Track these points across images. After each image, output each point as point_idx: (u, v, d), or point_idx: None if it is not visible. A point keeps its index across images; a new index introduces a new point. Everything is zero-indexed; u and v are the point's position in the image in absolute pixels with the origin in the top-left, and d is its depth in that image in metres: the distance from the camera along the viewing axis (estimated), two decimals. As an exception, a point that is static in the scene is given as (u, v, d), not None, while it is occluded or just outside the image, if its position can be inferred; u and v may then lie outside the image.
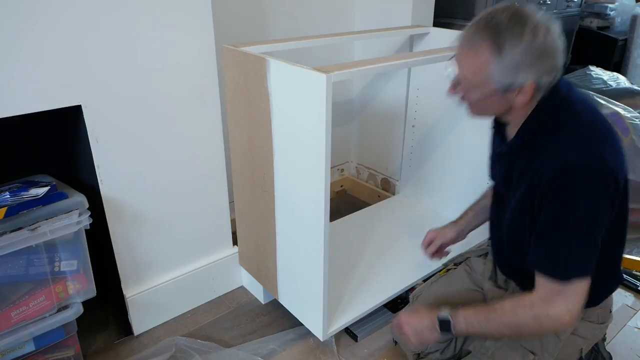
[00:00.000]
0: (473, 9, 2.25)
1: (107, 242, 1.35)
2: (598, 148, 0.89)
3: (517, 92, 0.91)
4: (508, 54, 0.87)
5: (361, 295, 1.46)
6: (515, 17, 0.87)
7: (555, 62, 0.90)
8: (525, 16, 0.87)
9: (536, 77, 0.89)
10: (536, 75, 0.89)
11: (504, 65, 0.88)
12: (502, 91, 0.91)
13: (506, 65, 0.88)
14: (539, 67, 0.88)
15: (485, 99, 0.95)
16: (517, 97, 0.92)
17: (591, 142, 0.90)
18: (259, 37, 1.78)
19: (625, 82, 2.38)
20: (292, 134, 1.18)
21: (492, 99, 0.94)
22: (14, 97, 1.07)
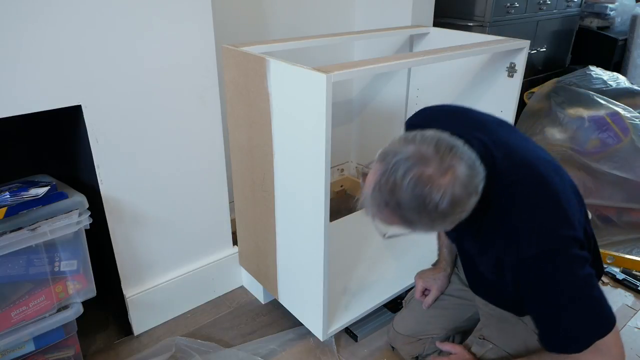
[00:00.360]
0: (473, 9, 2.25)
1: (107, 242, 1.35)
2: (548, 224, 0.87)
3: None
4: (419, 225, 0.85)
5: (361, 295, 1.46)
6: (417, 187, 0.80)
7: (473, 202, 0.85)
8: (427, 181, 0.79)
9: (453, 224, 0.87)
10: (453, 224, 0.87)
11: (419, 230, 0.87)
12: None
13: (421, 230, 0.87)
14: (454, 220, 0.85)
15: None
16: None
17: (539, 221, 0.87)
18: (259, 37, 1.78)
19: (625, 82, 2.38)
20: (292, 134, 1.18)
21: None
22: (14, 97, 1.07)
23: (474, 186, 0.83)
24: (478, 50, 1.36)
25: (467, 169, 0.82)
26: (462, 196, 0.81)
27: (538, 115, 2.25)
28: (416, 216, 0.82)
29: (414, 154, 0.81)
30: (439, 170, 0.80)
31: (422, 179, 0.80)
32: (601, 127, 2.06)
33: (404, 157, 0.82)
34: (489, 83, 1.57)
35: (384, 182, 0.83)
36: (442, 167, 0.80)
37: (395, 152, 0.83)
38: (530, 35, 2.49)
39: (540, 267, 0.86)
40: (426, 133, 0.85)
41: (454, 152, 0.82)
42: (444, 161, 0.80)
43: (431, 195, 0.79)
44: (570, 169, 2.06)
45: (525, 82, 1.73)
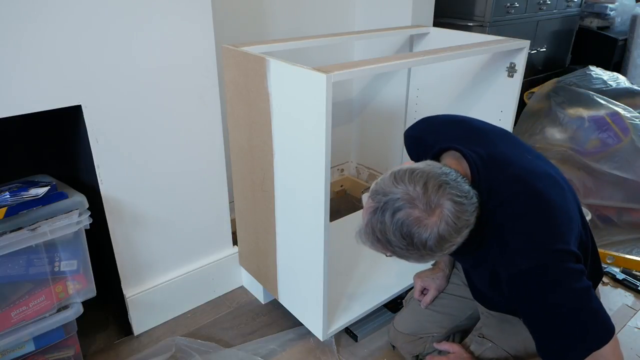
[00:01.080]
0: (473, 9, 2.25)
1: (107, 242, 1.35)
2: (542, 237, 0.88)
3: None
4: (412, 259, 0.89)
5: (361, 295, 1.46)
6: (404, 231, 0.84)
7: (464, 235, 0.88)
8: (414, 223, 0.84)
9: (445, 255, 0.91)
10: (444, 255, 0.90)
11: (411, 261, 0.91)
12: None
13: (413, 261, 0.91)
14: (447, 251, 0.88)
15: None
16: None
17: (534, 234, 0.88)
18: (259, 37, 1.79)
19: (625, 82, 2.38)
20: (292, 134, 1.18)
21: None
22: (14, 97, 1.07)
23: (464, 221, 0.86)
24: (478, 50, 1.36)
25: (455, 205, 0.84)
26: (449, 233, 0.85)
27: (538, 115, 2.25)
28: (406, 253, 0.87)
29: (402, 195, 0.85)
30: (426, 211, 0.84)
31: (410, 220, 0.84)
32: (601, 127, 2.06)
33: (393, 198, 0.85)
34: (489, 83, 1.57)
35: (375, 221, 0.87)
36: (430, 207, 0.83)
37: (385, 192, 0.87)
38: (530, 35, 2.49)
39: (534, 281, 0.87)
40: (416, 170, 0.87)
41: (442, 190, 0.85)
42: (431, 201, 0.84)
43: (419, 235, 0.84)
44: (570, 169, 2.06)
45: (525, 82, 1.73)
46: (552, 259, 0.86)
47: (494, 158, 0.96)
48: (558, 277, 0.86)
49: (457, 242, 0.88)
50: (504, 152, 0.98)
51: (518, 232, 0.90)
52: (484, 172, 0.93)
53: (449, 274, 1.33)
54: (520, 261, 0.87)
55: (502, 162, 0.96)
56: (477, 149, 0.96)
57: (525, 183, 0.92)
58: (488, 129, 1.08)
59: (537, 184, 0.92)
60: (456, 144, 0.98)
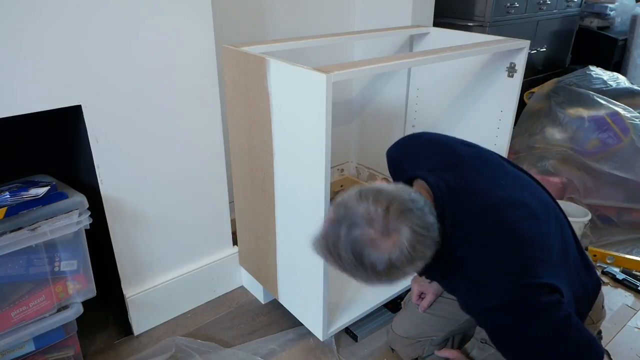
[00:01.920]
0: (473, 9, 2.25)
1: (107, 242, 1.35)
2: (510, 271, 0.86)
3: None
4: (357, 278, 0.87)
5: (361, 295, 1.46)
6: (356, 249, 0.82)
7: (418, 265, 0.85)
8: (367, 244, 0.81)
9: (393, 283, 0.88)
10: (391, 283, 0.87)
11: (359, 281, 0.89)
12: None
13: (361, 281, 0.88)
14: (390, 280, 0.86)
15: None
16: None
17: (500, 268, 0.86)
18: (259, 37, 1.78)
19: (625, 82, 2.38)
20: (292, 134, 1.18)
21: None
22: (14, 97, 1.07)
23: (419, 252, 0.83)
24: (478, 50, 1.36)
25: (413, 235, 0.81)
26: (401, 261, 0.82)
27: (538, 115, 2.25)
28: (354, 271, 0.85)
29: (363, 213, 0.82)
30: (381, 233, 0.81)
31: (364, 240, 0.81)
32: (601, 127, 2.06)
33: (353, 214, 0.83)
34: (489, 83, 1.57)
35: (330, 234, 0.85)
36: (387, 230, 0.81)
37: (347, 206, 0.85)
38: (530, 35, 2.49)
39: (508, 317, 0.85)
40: (383, 191, 0.85)
41: (404, 216, 0.82)
42: (390, 225, 0.81)
43: (369, 256, 0.81)
44: (570, 169, 2.06)
45: (525, 82, 1.73)
46: (523, 293, 0.84)
47: (464, 188, 0.94)
48: (532, 311, 0.84)
49: (408, 272, 0.85)
50: (478, 180, 0.97)
51: (484, 267, 0.88)
52: (450, 204, 0.91)
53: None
54: (488, 298, 0.86)
55: (473, 192, 0.94)
56: (448, 177, 0.95)
57: (493, 214, 0.90)
58: (467, 155, 1.05)
59: (507, 215, 0.90)
60: (426, 171, 0.97)
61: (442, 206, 0.91)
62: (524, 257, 0.87)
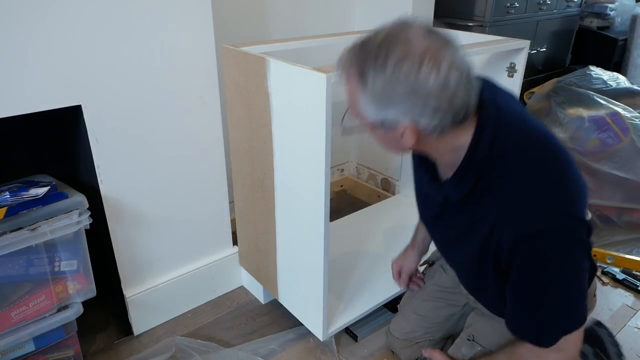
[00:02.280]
0: (473, 9, 2.24)
1: (107, 242, 1.35)
2: (559, 198, 0.78)
3: (399, 133, 0.78)
4: (370, 85, 0.74)
5: (361, 295, 1.46)
6: (385, 43, 0.72)
7: (438, 104, 0.73)
8: (399, 42, 0.72)
9: (410, 118, 0.75)
10: (409, 116, 0.75)
11: (368, 99, 0.75)
12: (380, 127, 0.80)
13: (370, 99, 0.75)
14: (410, 107, 0.74)
15: (373, 133, 0.85)
16: (402, 139, 0.79)
17: (549, 193, 0.79)
18: (259, 37, 1.78)
19: (625, 82, 2.38)
20: (292, 133, 1.18)
21: (378, 134, 0.84)
22: (14, 97, 1.07)
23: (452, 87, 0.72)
24: (478, 50, 1.36)
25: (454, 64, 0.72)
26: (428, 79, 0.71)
27: (538, 115, 2.25)
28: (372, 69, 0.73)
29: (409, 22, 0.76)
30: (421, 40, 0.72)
31: (399, 35, 0.72)
32: (601, 127, 2.06)
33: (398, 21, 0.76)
34: (489, 83, 1.57)
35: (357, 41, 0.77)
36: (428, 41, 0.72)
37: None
38: (530, 35, 2.49)
39: (541, 246, 0.78)
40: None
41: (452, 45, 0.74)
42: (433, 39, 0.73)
43: (398, 51, 0.71)
44: (570, 169, 2.06)
45: (525, 82, 1.73)
46: (569, 224, 0.78)
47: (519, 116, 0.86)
48: (568, 247, 0.79)
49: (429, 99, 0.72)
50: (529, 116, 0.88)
51: (532, 189, 0.79)
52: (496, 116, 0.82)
53: (422, 252, 1.32)
54: (531, 221, 0.78)
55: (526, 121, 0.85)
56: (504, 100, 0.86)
57: (547, 142, 0.83)
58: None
59: (561, 149, 0.83)
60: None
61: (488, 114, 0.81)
62: (573, 191, 0.80)
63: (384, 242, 1.73)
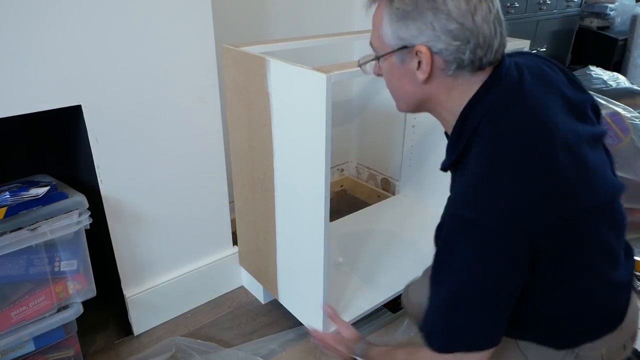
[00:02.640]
0: (473, 9, 2.24)
1: (107, 242, 1.35)
2: (508, 193, 0.68)
3: (415, 62, 0.75)
4: (395, 3, 0.73)
5: (361, 295, 1.46)
6: None
7: (459, 30, 0.70)
8: None
9: (427, 37, 0.72)
10: (426, 35, 0.72)
11: (392, 15, 0.74)
12: (398, 56, 0.77)
13: (394, 15, 0.74)
14: (430, 25, 0.71)
15: (388, 70, 0.82)
16: (417, 71, 0.75)
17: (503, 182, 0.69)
18: (259, 37, 1.78)
19: (625, 82, 2.38)
20: (292, 134, 1.18)
21: (393, 69, 0.80)
22: (14, 97, 1.07)
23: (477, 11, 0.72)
24: (478, 50, 1.36)
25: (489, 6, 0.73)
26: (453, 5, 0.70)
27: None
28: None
29: None
30: None
31: None
32: (601, 127, 2.05)
33: None
34: (489, 83, 1.57)
35: None
36: None
37: None
38: (530, 35, 2.49)
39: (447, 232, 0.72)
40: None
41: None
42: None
43: None
44: (570, 169, 2.06)
45: (525, 82, 1.73)
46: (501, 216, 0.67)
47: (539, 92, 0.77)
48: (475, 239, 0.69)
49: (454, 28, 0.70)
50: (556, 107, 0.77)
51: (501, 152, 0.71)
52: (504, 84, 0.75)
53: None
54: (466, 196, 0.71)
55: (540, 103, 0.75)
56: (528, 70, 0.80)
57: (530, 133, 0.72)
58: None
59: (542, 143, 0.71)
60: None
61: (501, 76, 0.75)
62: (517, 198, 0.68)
63: (384, 242, 1.73)
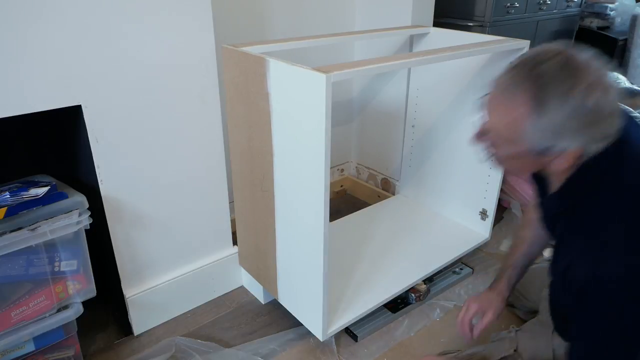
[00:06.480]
0: (473, 9, 2.25)
1: (107, 242, 1.35)
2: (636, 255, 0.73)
3: (555, 156, 0.77)
4: (550, 114, 0.71)
5: (361, 295, 1.46)
6: (567, 68, 0.71)
7: (610, 128, 0.73)
8: (579, 68, 0.71)
9: (583, 144, 0.74)
10: (583, 142, 0.74)
11: (543, 127, 0.73)
12: (537, 153, 0.77)
13: (546, 127, 0.72)
14: (588, 134, 0.73)
15: (516, 158, 0.81)
16: (555, 161, 0.77)
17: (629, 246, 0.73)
18: (259, 37, 1.78)
19: (625, 82, 2.38)
20: (291, 134, 1.18)
21: (524, 159, 0.81)
22: (14, 97, 1.07)
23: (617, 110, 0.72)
24: (478, 50, 1.36)
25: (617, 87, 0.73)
26: (606, 106, 0.70)
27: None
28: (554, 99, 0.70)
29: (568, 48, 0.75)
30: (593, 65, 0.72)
31: (575, 61, 0.71)
32: (601, 127, 2.05)
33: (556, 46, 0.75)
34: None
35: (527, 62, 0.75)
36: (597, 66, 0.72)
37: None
38: (530, 35, 2.49)
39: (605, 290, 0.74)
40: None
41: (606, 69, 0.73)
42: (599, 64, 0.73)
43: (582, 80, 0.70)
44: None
45: (525, 82, 1.73)
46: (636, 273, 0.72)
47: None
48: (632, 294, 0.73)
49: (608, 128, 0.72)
50: None
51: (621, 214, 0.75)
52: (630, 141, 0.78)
53: (507, 297, 1.18)
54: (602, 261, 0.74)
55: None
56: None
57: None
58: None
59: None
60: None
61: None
62: None
63: (384, 242, 1.73)
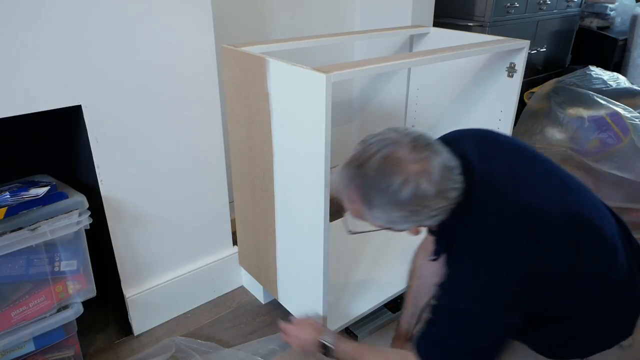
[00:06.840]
0: (473, 9, 2.24)
1: (107, 242, 1.35)
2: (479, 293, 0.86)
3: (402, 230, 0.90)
4: (377, 208, 0.84)
5: (361, 295, 1.46)
6: (384, 167, 0.81)
7: (443, 203, 0.82)
8: (395, 165, 0.80)
9: (414, 224, 0.88)
10: (413, 223, 0.87)
11: (377, 217, 0.86)
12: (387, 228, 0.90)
13: (379, 217, 0.86)
14: (416, 219, 0.84)
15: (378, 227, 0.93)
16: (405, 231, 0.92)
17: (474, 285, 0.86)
18: (259, 37, 1.78)
19: (625, 82, 2.38)
20: (292, 134, 1.18)
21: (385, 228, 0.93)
22: (14, 97, 1.07)
23: (444, 189, 0.81)
24: (478, 50, 1.36)
25: (441, 168, 0.81)
26: (426, 192, 0.79)
27: (538, 116, 2.25)
28: (376, 197, 0.82)
29: (393, 138, 0.83)
30: (411, 157, 0.80)
31: (392, 159, 0.80)
32: (601, 127, 2.06)
33: (382, 138, 0.84)
34: (489, 83, 1.57)
35: (355, 159, 0.86)
36: (416, 155, 0.80)
37: (376, 134, 0.86)
38: (530, 35, 2.49)
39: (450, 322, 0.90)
40: (413, 128, 0.86)
41: (432, 148, 0.82)
42: (419, 152, 0.81)
43: (396, 177, 0.79)
44: (570, 169, 2.06)
45: (525, 82, 1.73)
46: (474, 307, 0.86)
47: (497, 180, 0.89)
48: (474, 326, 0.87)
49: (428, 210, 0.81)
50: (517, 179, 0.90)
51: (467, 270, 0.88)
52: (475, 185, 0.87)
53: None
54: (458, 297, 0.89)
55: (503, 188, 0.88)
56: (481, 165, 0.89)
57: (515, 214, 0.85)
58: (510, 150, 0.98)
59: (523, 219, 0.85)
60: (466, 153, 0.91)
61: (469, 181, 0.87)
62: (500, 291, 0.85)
63: (384, 242, 1.73)
